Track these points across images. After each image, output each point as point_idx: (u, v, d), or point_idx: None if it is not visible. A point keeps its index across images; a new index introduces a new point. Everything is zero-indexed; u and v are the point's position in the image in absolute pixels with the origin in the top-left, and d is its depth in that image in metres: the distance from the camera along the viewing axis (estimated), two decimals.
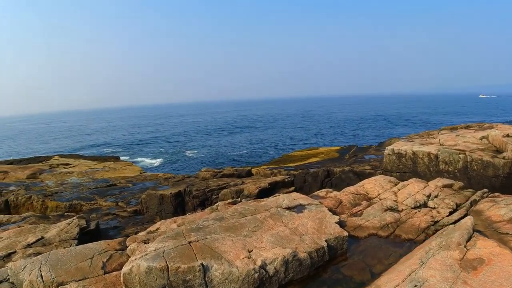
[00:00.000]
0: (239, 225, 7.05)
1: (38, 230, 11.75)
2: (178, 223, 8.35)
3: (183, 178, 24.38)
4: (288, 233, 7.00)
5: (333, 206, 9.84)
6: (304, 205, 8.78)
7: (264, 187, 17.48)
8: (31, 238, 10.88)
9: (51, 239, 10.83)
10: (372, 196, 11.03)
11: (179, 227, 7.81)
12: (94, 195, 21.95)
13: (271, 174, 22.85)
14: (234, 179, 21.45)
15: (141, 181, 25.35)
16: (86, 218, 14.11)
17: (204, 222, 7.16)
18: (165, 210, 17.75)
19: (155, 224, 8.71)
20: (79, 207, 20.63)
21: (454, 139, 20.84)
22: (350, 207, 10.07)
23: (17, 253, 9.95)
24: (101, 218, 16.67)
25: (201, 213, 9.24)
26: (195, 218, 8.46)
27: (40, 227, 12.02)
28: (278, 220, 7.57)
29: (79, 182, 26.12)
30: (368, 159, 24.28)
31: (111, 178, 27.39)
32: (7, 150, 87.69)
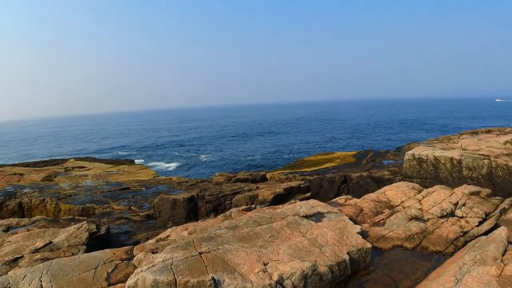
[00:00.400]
0: (254, 234, 6.54)
1: (47, 235, 11.46)
2: (189, 230, 7.90)
3: (197, 182, 24.01)
4: (306, 244, 6.47)
5: (354, 214, 9.25)
6: (323, 213, 8.23)
7: (279, 192, 16.94)
8: (39, 242, 10.58)
9: (59, 244, 10.51)
10: (394, 204, 10.39)
11: (190, 235, 7.36)
12: (107, 199, 21.73)
13: (286, 179, 22.28)
14: (249, 184, 20.96)
15: (154, 185, 25.07)
16: (97, 223, 13.80)
17: (216, 231, 6.68)
18: (177, 215, 17.36)
19: (166, 231, 8.28)
20: (91, 211, 20.42)
21: (476, 143, 20.01)
22: (372, 215, 9.46)
23: (24, 258, 9.64)
24: (113, 222, 16.37)
25: (213, 220, 8.78)
26: (207, 226, 8.00)
27: (49, 231, 11.73)
28: (296, 230, 7.04)
29: (93, 185, 26.00)
30: (387, 165, 23.49)
31: (125, 181, 27.21)
32: (27, 153, 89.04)
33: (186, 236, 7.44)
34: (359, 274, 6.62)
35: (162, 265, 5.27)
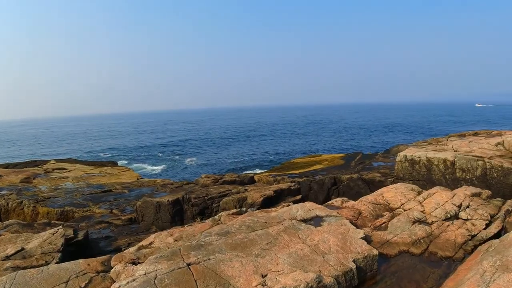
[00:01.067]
0: (249, 241, 5.79)
1: (19, 240, 10.47)
2: (175, 236, 7.11)
3: (182, 184, 23.09)
4: (307, 251, 5.75)
5: (353, 217, 8.59)
6: (321, 217, 7.53)
7: (269, 195, 16.22)
8: (10, 249, 9.60)
9: (32, 251, 9.55)
10: (394, 206, 9.77)
11: (176, 242, 6.56)
12: (88, 201, 20.67)
13: (274, 182, 21.60)
14: (236, 186, 20.18)
15: (138, 187, 24.05)
16: (75, 227, 12.85)
17: (206, 237, 5.90)
18: (162, 218, 16.46)
19: (149, 237, 7.45)
20: (71, 214, 19.34)
21: (467, 145, 19.71)
22: (372, 219, 8.81)
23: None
24: (93, 226, 15.38)
25: (201, 224, 8.00)
26: (195, 231, 7.21)
27: (22, 237, 10.74)
28: (294, 235, 6.32)
29: (73, 187, 24.83)
30: (377, 166, 23.03)
31: (107, 183, 26.09)
32: (8, 154, 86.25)
33: (171, 243, 6.65)
34: (366, 284, 5.93)
35: (144, 279, 4.48)
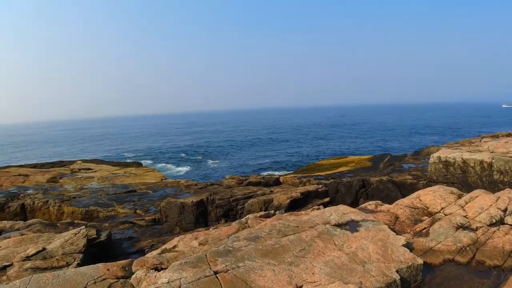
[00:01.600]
0: (281, 248, 5.29)
1: (41, 240, 10.32)
2: (200, 240, 6.69)
3: (206, 185, 22.80)
4: (345, 260, 5.21)
5: (390, 222, 7.96)
6: (357, 222, 6.96)
7: (295, 197, 15.65)
8: (31, 249, 9.43)
9: (53, 252, 9.35)
10: (433, 211, 9.07)
11: (201, 246, 6.14)
12: (112, 201, 20.64)
13: (300, 183, 20.99)
14: (261, 187, 19.69)
15: (162, 187, 23.92)
16: (98, 227, 12.67)
17: (234, 242, 5.44)
18: (185, 220, 16.16)
19: (172, 240, 7.07)
20: (95, 214, 19.33)
21: (504, 146, 18.64)
22: (411, 224, 8.16)
23: (14, 266, 8.50)
24: (116, 226, 15.22)
25: (227, 227, 7.56)
26: (221, 235, 6.78)
27: (44, 237, 10.58)
28: (330, 242, 5.79)
29: (98, 187, 24.95)
30: (408, 168, 22.06)
31: (131, 184, 26.11)
32: (35, 154, 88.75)
33: (196, 247, 6.23)
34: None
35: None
